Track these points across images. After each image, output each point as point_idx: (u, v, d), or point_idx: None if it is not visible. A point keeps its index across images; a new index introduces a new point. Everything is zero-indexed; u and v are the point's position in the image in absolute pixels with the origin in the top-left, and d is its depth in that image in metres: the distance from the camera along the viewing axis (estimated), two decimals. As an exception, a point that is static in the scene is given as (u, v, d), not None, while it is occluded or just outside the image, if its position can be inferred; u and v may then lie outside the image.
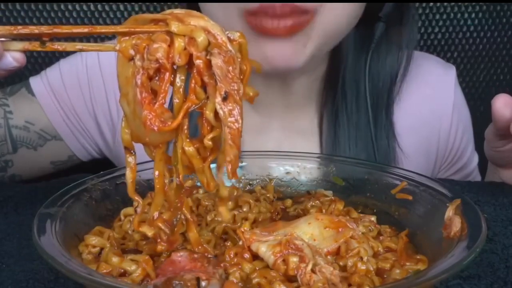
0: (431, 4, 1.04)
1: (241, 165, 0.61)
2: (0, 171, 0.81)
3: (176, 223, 0.46)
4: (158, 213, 0.45)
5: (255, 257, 0.45)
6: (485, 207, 0.60)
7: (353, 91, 0.79)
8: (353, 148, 0.78)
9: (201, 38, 0.40)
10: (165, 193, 0.44)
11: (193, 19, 0.41)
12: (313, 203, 0.56)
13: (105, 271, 0.43)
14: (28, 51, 0.44)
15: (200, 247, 0.46)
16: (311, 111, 0.82)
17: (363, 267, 0.43)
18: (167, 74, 0.41)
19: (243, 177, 0.62)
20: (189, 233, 0.46)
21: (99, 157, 0.88)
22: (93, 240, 0.47)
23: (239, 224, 0.52)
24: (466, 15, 1.05)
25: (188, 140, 0.43)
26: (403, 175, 0.55)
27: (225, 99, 0.41)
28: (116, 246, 0.47)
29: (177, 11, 0.42)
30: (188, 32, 0.40)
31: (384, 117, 0.80)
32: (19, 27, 0.42)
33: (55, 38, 0.42)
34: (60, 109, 0.82)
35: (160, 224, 0.45)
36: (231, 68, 0.40)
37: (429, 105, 0.84)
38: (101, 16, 1.00)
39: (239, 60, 0.42)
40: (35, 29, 0.42)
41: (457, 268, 0.38)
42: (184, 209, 0.46)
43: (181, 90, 0.42)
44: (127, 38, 0.42)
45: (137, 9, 1.01)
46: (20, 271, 0.48)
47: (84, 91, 0.82)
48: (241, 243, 0.46)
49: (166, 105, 0.41)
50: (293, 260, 0.42)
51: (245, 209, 0.55)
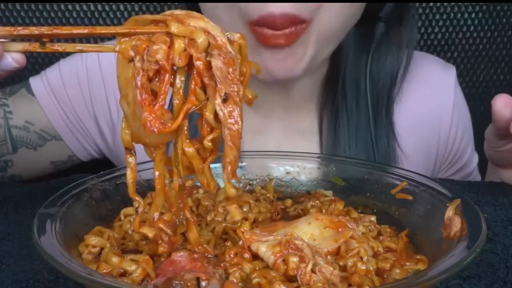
0: (431, 4, 1.04)
1: (241, 165, 0.61)
2: (0, 171, 0.81)
3: (178, 223, 0.46)
4: (158, 214, 0.45)
5: (255, 257, 0.45)
6: (485, 207, 0.60)
7: (353, 91, 0.79)
8: (353, 148, 0.78)
9: (201, 39, 0.40)
10: (166, 194, 0.45)
11: (193, 20, 0.41)
12: (313, 203, 0.56)
13: (105, 271, 0.43)
14: (28, 52, 0.44)
15: (200, 247, 0.46)
16: (311, 111, 0.82)
17: (363, 267, 0.43)
18: (167, 75, 0.40)
19: (243, 177, 0.62)
20: (189, 233, 0.46)
21: (99, 157, 0.89)
22: (93, 240, 0.47)
23: (239, 224, 0.52)
24: (466, 15, 1.05)
25: (188, 141, 0.43)
26: (403, 175, 0.55)
27: (225, 100, 0.41)
28: (116, 246, 0.47)
29: (177, 12, 0.42)
30: (188, 33, 0.40)
31: (384, 117, 0.80)
32: (19, 28, 0.42)
33: (55, 38, 0.42)
34: (60, 109, 0.82)
35: (161, 225, 0.45)
36: (231, 69, 0.40)
37: (429, 105, 0.84)
38: (101, 16, 1.00)
39: (239, 61, 0.42)
40: (35, 30, 0.42)
41: (457, 268, 0.38)
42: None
43: (181, 91, 0.42)
44: (127, 39, 0.41)
45: (137, 9, 1.01)
46: (20, 271, 0.48)
47: (84, 91, 0.82)
48: (241, 243, 0.46)
49: (166, 106, 0.41)
50: (293, 260, 0.42)
51: (245, 209, 0.55)
